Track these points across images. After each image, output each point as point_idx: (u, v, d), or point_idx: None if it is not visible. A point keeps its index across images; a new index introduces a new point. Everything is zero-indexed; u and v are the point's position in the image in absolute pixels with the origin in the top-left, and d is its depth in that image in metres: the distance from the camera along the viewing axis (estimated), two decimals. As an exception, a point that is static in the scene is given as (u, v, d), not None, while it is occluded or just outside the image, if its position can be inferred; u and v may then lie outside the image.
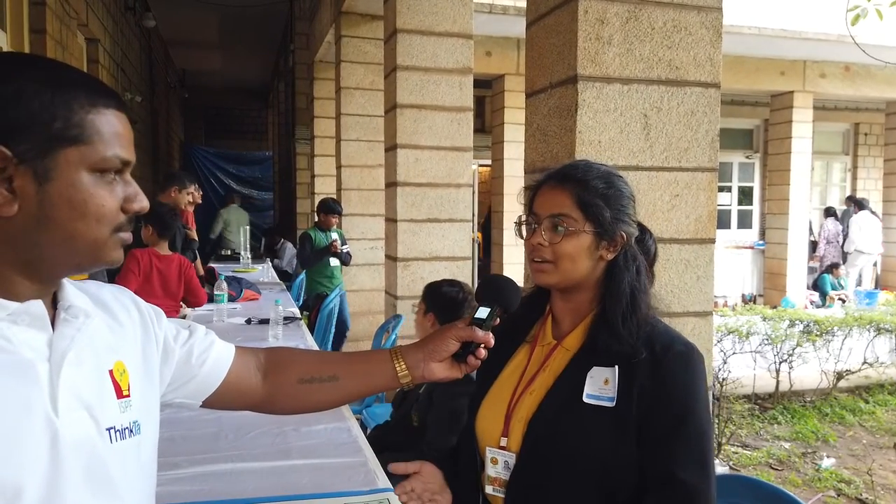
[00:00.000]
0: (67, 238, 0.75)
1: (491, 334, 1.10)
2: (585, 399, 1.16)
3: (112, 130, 0.77)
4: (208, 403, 1.06)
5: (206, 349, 1.03)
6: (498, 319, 1.13)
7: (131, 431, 0.83)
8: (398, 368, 1.10)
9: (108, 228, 0.77)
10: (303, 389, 1.11)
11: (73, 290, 0.83)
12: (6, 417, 0.70)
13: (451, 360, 1.10)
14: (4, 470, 0.68)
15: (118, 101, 0.79)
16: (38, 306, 0.76)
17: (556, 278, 1.21)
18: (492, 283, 1.20)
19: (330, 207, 5.59)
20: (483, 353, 1.10)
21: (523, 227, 1.25)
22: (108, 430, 0.80)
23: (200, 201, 5.44)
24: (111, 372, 0.83)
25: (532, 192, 1.26)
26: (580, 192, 1.18)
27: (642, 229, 1.28)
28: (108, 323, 0.87)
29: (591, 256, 1.20)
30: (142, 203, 0.80)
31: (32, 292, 0.76)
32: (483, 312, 1.12)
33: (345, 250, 5.63)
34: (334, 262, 5.64)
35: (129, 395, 0.84)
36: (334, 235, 5.62)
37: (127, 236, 0.80)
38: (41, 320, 0.76)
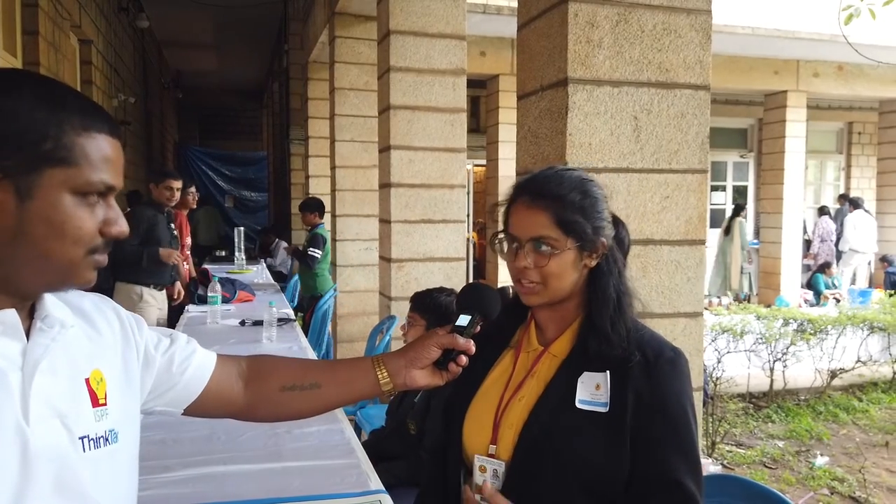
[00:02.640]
0: (41, 256, 0.75)
1: (472, 342, 1.11)
2: (578, 405, 1.16)
3: (101, 155, 0.77)
4: (190, 411, 1.06)
5: (188, 357, 1.03)
6: (479, 327, 1.15)
7: (107, 440, 0.83)
8: (380, 376, 1.11)
9: (83, 250, 0.78)
10: (285, 397, 1.11)
11: (52, 300, 0.83)
12: None
13: (433, 368, 1.12)
14: None
15: (112, 126, 0.80)
16: (11, 316, 0.77)
17: (547, 297, 1.20)
18: (472, 292, 1.21)
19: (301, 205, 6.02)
20: (464, 360, 1.11)
21: (504, 245, 1.23)
22: (81, 438, 0.80)
23: (195, 205, 5.43)
24: (87, 381, 0.83)
25: (506, 208, 1.23)
26: (558, 210, 1.16)
27: (616, 221, 1.26)
28: (87, 332, 0.87)
29: (576, 269, 1.19)
30: (121, 228, 0.81)
31: (6, 303, 0.77)
32: (464, 320, 1.14)
33: (308, 252, 5.80)
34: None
35: (105, 404, 0.84)
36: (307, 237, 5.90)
37: (102, 259, 0.81)
38: (14, 329, 0.77)
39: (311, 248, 5.80)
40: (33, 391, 0.75)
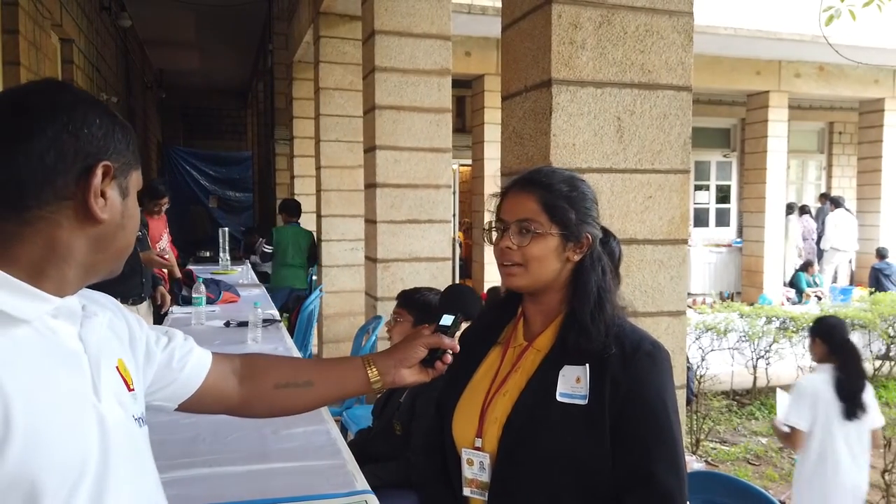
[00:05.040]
0: (126, 246, 0.88)
1: (456, 341, 1.18)
2: (559, 398, 1.18)
3: None
4: (184, 407, 1.11)
5: (186, 354, 1.09)
6: (462, 326, 1.22)
7: (143, 421, 0.92)
8: (370, 374, 1.17)
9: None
10: (279, 394, 1.17)
11: (82, 292, 0.90)
12: (70, 403, 0.79)
13: (420, 366, 1.18)
14: (75, 450, 0.77)
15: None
16: (75, 303, 0.85)
17: (526, 281, 1.24)
18: (454, 293, 1.30)
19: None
20: (449, 358, 1.18)
21: (493, 233, 1.28)
22: (132, 417, 0.89)
23: (160, 214, 5.35)
24: (117, 368, 0.90)
25: (499, 199, 1.29)
26: (545, 195, 1.22)
27: (606, 233, 1.30)
28: (108, 323, 0.93)
29: (558, 258, 1.23)
30: None
31: (72, 290, 0.84)
32: (447, 320, 1.21)
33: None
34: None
35: (134, 389, 0.92)
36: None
37: None
38: (76, 316, 0.85)
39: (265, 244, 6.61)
40: (101, 372, 0.84)
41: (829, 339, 3.02)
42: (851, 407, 2.85)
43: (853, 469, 2.88)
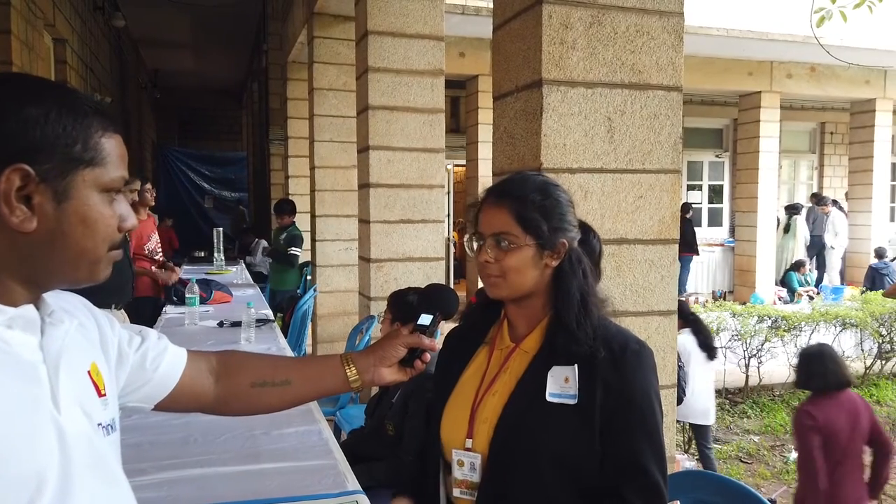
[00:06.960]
0: (77, 254, 0.80)
1: (436, 340, 1.18)
2: (549, 398, 1.21)
3: (117, 153, 0.83)
4: (161, 407, 1.09)
5: (160, 354, 1.06)
6: (441, 324, 1.22)
7: (112, 427, 0.88)
8: (349, 373, 1.17)
9: (107, 246, 0.82)
10: (255, 393, 1.16)
11: (49, 298, 0.86)
12: (22, 416, 0.74)
13: (399, 365, 1.18)
14: (30, 464, 0.73)
15: (118, 125, 0.86)
16: (32, 311, 0.81)
17: (507, 291, 1.26)
18: (432, 293, 1.30)
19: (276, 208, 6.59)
20: (428, 357, 1.18)
21: (473, 244, 1.29)
22: (98, 425, 0.85)
23: (154, 202, 5.27)
24: (89, 373, 0.87)
25: (476, 210, 1.31)
26: (518, 208, 1.23)
27: (586, 229, 1.32)
28: (78, 327, 0.90)
29: (536, 266, 1.24)
30: (132, 221, 0.86)
31: (25, 299, 0.80)
32: (426, 319, 1.21)
33: (290, 252, 6.28)
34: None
35: (106, 395, 0.88)
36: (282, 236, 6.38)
37: (118, 254, 0.85)
38: (34, 324, 0.80)
39: (292, 248, 6.27)
40: (60, 382, 0.79)
41: (680, 314, 4.14)
42: (711, 352, 4.09)
43: (704, 395, 4.11)
